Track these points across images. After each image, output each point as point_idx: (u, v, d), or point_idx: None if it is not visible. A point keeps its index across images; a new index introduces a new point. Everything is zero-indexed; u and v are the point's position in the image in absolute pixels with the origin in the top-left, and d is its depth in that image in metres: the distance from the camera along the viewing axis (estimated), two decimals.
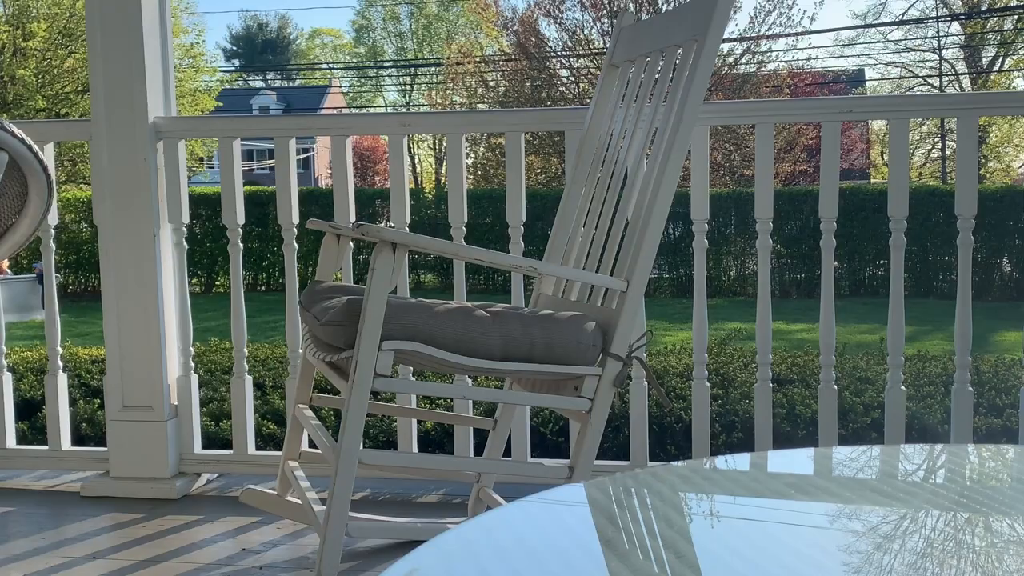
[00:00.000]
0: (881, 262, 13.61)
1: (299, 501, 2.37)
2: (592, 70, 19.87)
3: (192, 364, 2.82)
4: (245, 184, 3.31)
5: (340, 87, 41.82)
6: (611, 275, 2.09)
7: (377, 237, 1.77)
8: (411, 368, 2.60)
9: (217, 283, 14.79)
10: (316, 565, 1.84)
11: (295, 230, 2.74)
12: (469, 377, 2.63)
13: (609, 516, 1.10)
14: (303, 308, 2.12)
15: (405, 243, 1.78)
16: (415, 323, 1.81)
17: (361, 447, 1.87)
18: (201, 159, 26.33)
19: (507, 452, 2.60)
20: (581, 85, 20.11)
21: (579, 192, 2.40)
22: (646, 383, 2.61)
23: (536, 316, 1.93)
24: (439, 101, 28.20)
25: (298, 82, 46.77)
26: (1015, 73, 26.19)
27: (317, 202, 14.03)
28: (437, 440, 3.14)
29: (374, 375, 1.78)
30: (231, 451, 2.83)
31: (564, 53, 20.39)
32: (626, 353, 1.97)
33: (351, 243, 2.40)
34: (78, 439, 3.25)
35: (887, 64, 30.60)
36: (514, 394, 2.07)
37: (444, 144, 9.40)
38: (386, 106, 40.55)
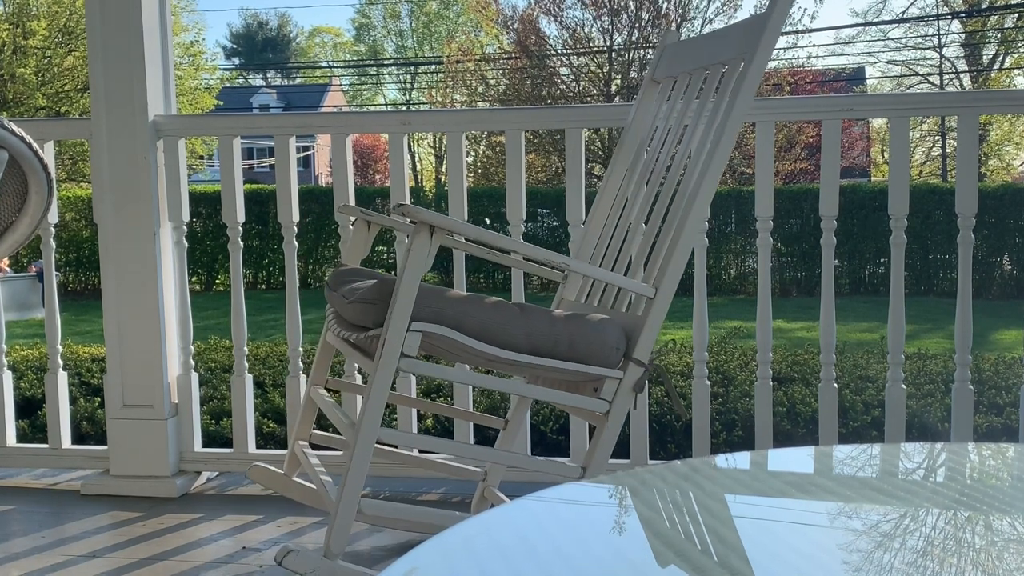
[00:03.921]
0: (881, 260, 13.61)
1: (305, 482, 2.38)
2: (592, 68, 19.86)
3: (192, 362, 2.82)
4: (245, 182, 3.32)
5: (340, 85, 41.81)
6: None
7: (418, 218, 1.76)
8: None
9: (217, 281, 14.80)
10: (324, 542, 1.84)
11: (295, 228, 2.74)
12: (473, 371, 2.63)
13: (609, 515, 1.10)
14: (329, 289, 2.14)
15: (444, 226, 1.78)
16: (444, 308, 1.82)
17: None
18: (201, 157, 26.31)
19: None
20: (581, 83, 20.12)
21: (610, 199, 2.40)
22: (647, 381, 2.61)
23: (564, 314, 1.93)
24: (439, 99, 28.21)
25: (298, 80, 46.77)
26: (1015, 71, 26.18)
27: (317, 200, 14.04)
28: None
29: (400, 354, 1.78)
30: (231, 449, 2.84)
31: (564, 51, 20.39)
32: (648, 360, 1.97)
33: (378, 230, 2.42)
34: (78, 437, 3.25)
35: (887, 62, 30.58)
36: (534, 388, 2.06)
37: (444, 142, 9.39)
38: (386, 104, 40.53)
